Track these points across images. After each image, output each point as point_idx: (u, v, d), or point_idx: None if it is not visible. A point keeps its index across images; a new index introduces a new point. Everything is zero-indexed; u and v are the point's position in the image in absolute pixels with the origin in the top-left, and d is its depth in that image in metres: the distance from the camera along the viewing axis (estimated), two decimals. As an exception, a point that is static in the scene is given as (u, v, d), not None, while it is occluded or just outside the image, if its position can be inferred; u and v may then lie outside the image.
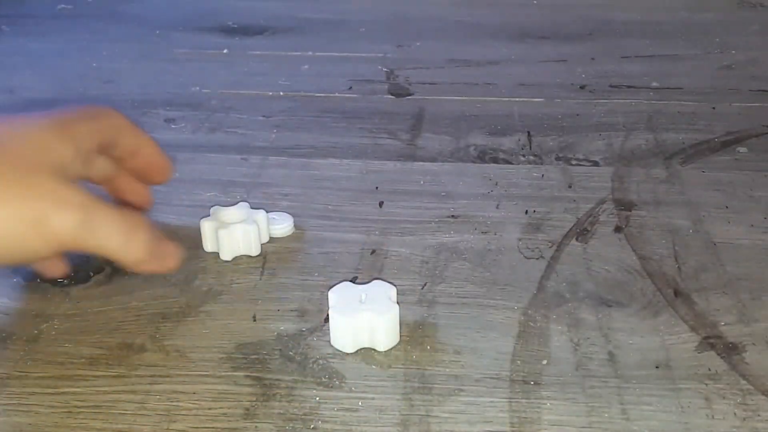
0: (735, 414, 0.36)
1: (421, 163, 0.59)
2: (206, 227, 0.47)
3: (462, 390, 0.38)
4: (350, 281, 0.42)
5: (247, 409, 0.36)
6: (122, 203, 0.48)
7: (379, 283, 0.41)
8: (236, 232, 0.46)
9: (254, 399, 0.37)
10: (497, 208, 0.53)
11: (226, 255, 0.47)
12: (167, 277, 0.46)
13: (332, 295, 0.40)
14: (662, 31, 0.84)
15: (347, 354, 0.40)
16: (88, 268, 0.46)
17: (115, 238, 0.38)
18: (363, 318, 0.39)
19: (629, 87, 0.71)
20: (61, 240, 0.37)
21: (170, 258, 0.42)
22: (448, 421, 0.36)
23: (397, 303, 0.40)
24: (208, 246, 0.48)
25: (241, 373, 0.39)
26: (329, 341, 0.40)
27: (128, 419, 0.36)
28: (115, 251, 0.39)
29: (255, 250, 0.47)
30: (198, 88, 0.71)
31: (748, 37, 0.83)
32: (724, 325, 0.42)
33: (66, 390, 0.38)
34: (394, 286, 0.41)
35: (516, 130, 0.63)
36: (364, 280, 0.43)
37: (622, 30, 0.85)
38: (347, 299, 0.39)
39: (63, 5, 0.93)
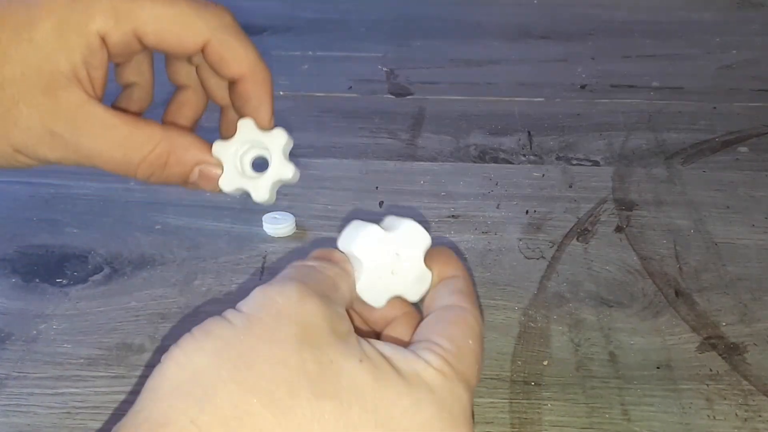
0: (736, 414, 0.36)
1: (421, 162, 0.58)
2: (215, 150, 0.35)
3: (462, 390, 0.38)
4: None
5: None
6: (172, 98, 0.38)
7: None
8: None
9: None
10: (497, 208, 0.53)
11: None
12: (167, 277, 0.46)
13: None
14: (663, 30, 0.84)
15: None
16: (87, 269, 0.46)
17: (120, 167, 0.31)
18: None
19: (630, 87, 0.71)
20: (46, 162, 0.31)
21: (205, 185, 0.33)
22: (448, 421, 0.36)
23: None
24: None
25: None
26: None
27: (127, 420, 0.36)
28: (124, 175, 0.32)
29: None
30: (198, 87, 0.71)
31: (749, 36, 0.83)
32: (725, 325, 0.42)
33: (65, 390, 0.38)
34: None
35: (516, 130, 0.63)
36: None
37: (623, 30, 0.84)
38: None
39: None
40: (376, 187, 0.55)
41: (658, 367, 0.39)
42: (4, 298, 0.44)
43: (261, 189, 0.33)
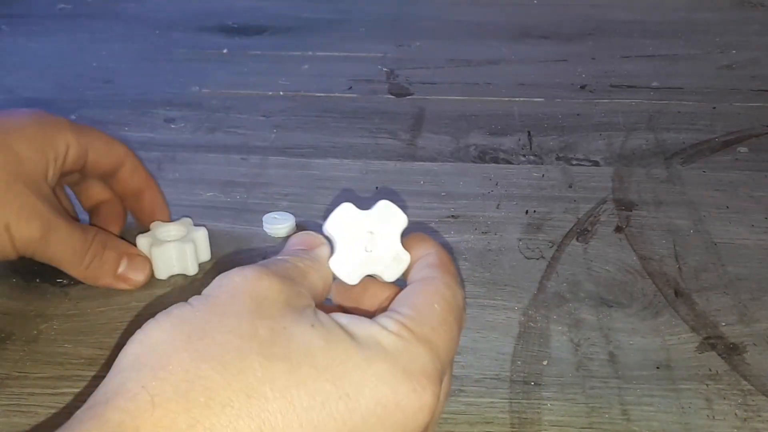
0: (736, 414, 0.36)
1: (421, 163, 0.59)
2: (141, 243, 0.45)
3: (462, 390, 0.38)
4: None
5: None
6: (94, 215, 0.48)
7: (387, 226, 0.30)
8: (170, 250, 0.45)
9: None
10: (497, 208, 0.53)
11: (160, 273, 0.45)
12: (167, 278, 0.46)
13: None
14: (663, 30, 0.84)
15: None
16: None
17: (69, 255, 0.42)
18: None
19: (630, 87, 0.71)
20: (19, 249, 0.40)
21: (133, 275, 0.44)
22: (448, 421, 0.36)
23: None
24: None
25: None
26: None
27: (128, 420, 0.36)
28: (68, 267, 0.42)
29: (192, 269, 0.45)
30: (198, 87, 0.71)
31: (749, 36, 0.83)
32: (724, 325, 0.42)
33: (65, 390, 0.38)
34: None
35: (516, 130, 0.63)
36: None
37: (623, 30, 0.85)
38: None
39: (63, 5, 0.93)
40: (376, 187, 0.55)
41: (657, 367, 0.39)
42: (4, 298, 0.44)
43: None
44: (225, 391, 0.23)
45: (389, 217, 0.30)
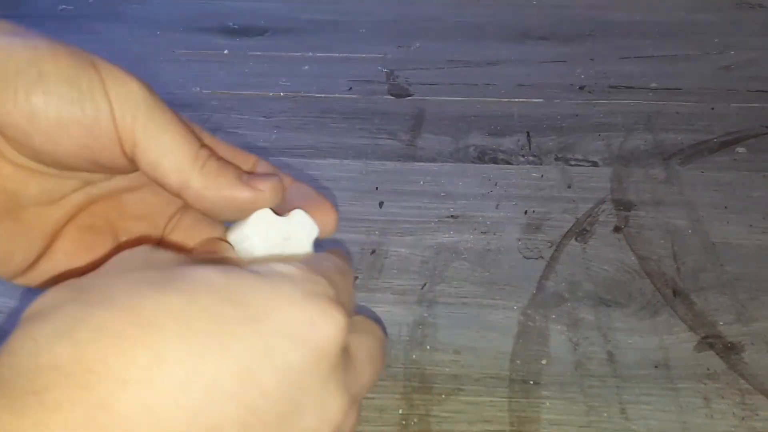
0: (734, 413, 0.37)
1: (421, 163, 0.59)
2: None
3: (462, 389, 0.38)
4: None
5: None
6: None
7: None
8: None
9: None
10: (497, 208, 0.53)
11: None
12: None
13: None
14: (661, 31, 0.84)
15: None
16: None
17: (177, 149, 0.26)
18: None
19: (628, 87, 0.71)
20: (125, 141, 0.26)
21: (259, 184, 0.29)
22: (447, 420, 0.36)
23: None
24: None
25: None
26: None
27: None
28: (178, 168, 0.27)
29: None
30: (198, 88, 0.72)
31: (747, 37, 0.83)
32: (722, 324, 0.42)
33: (67, 389, 0.38)
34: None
35: (515, 131, 0.64)
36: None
37: (622, 30, 0.85)
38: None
39: (64, 6, 0.93)
40: (376, 188, 0.55)
41: (655, 366, 0.39)
42: (5, 297, 0.45)
43: None
44: (115, 325, 0.21)
45: (303, 225, 0.33)
